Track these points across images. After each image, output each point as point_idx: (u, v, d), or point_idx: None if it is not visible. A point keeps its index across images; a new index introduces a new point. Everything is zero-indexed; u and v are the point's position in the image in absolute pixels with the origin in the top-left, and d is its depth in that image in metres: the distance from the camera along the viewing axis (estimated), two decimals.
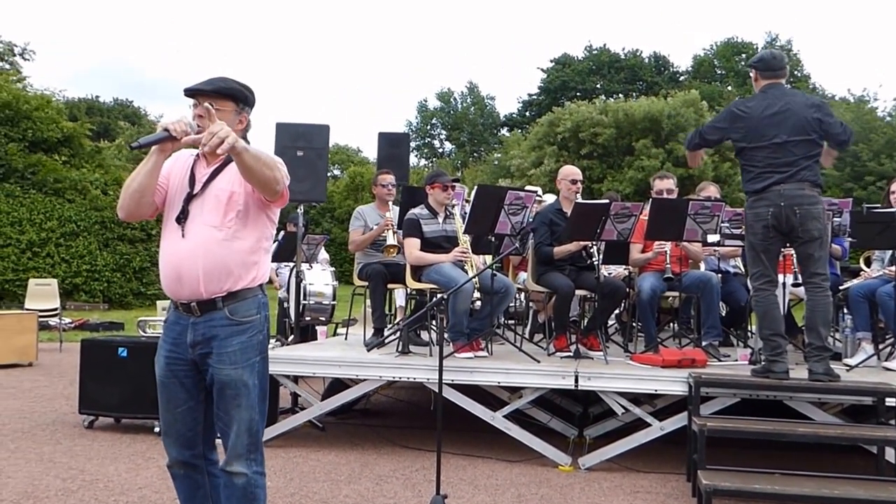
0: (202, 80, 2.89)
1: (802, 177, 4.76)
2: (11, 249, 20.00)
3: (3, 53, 23.55)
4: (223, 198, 2.83)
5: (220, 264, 2.80)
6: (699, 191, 7.05)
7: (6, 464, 5.01)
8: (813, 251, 4.80)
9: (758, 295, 4.94)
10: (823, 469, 4.60)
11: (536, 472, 5.04)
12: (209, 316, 2.84)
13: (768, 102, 4.89)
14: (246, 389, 2.85)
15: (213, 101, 2.80)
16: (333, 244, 27.00)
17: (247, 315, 2.87)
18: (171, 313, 2.95)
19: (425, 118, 55.16)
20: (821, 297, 4.82)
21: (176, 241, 2.83)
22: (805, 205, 4.73)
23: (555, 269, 6.10)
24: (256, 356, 2.89)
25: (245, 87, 2.96)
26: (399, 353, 5.79)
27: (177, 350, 2.90)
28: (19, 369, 9.37)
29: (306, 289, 7.94)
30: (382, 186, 6.83)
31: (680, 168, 26.49)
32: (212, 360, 2.84)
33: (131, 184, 2.82)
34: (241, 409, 2.84)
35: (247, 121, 2.97)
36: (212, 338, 2.84)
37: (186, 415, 2.93)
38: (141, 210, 2.87)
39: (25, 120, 21.62)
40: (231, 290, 2.84)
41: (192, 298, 2.83)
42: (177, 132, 2.71)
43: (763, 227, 4.81)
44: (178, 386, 2.91)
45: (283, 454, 5.38)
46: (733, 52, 49.28)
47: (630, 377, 5.18)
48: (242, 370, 2.84)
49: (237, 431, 2.84)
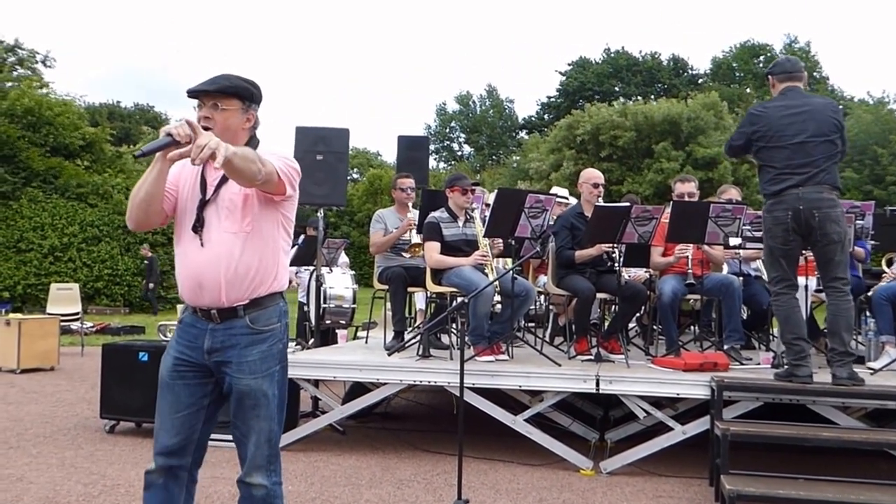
0: (205, 80, 2.78)
1: (821, 179, 4.71)
2: (34, 254, 20.25)
3: (26, 60, 23.83)
4: (238, 201, 2.75)
5: (243, 271, 2.73)
6: (720, 193, 7.00)
7: (28, 469, 5.06)
8: (833, 255, 4.75)
9: (778, 299, 4.90)
10: (847, 473, 4.55)
11: (558, 477, 5.03)
12: (229, 324, 2.77)
13: (787, 103, 4.87)
14: (265, 399, 2.78)
15: (219, 101, 2.74)
16: (353, 248, 27.09)
17: (268, 324, 2.81)
18: (187, 315, 2.86)
19: (444, 121, 55.23)
20: (842, 302, 4.77)
21: (195, 251, 2.74)
22: (824, 208, 4.68)
23: (575, 272, 6.09)
24: (276, 365, 2.83)
25: (251, 82, 2.86)
26: (420, 357, 5.79)
27: (190, 352, 2.81)
28: (41, 373, 9.47)
29: (326, 292, 7.96)
30: (402, 190, 6.83)
31: (699, 171, 26.35)
32: (230, 370, 2.77)
33: (138, 193, 2.73)
34: (260, 420, 2.78)
35: (255, 118, 2.88)
36: (231, 346, 2.77)
37: (186, 420, 2.82)
38: (150, 219, 2.79)
39: (47, 125, 21.89)
40: (252, 297, 2.77)
41: (213, 306, 2.76)
42: (181, 137, 2.59)
43: (783, 230, 4.77)
44: (183, 388, 2.81)
45: (304, 458, 5.40)
46: (751, 55, 48.97)
47: (652, 381, 5.15)
48: (262, 380, 2.77)
49: (256, 442, 2.78)
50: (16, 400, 7.62)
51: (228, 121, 2.76)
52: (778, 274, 4.89)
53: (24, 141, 21.12)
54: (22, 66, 23.61)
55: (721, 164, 27.82)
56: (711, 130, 29.52)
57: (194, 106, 2.81)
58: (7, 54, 23.27)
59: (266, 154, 2.71)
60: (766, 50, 49.02)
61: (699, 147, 28.52)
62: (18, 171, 20.98)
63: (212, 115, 2.74)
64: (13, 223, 20.53)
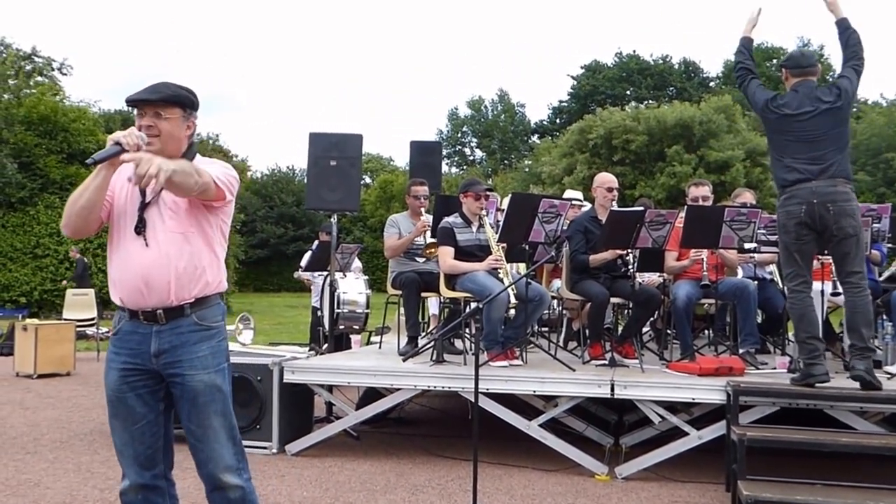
0: (145, 89, 2.80)
1: (834, 172, 4.69)
2: (50, 260, 20.42)
3: (42, 68, 24.04)
4: (182, 203, 2.76)
5: (191, 270, 2.75)
6: (734, 197, 6.97)
7: (45, 474, 5.09)
8: (848, 249, 4.71)
9: (793, 297, 4.87)
10: (864, 478, 4.51)
11: (573, 482, 5.01)
12: (176, 323, 2.76)
13: (799, 101, 4.85)
14: (221, 395, 2.80)
15: (161, 109, 2.75)
16: (366, 253, 27.16)
17: (214, 320, 2.83)
18: (124, 324, 2.80)
19: (456, 126, 55.25)
20: (860, 298, 4.72)
21: (139, 251, 2.73)
22: (839, 202, 4.65)
23: (589, 276, 6.07)
24: (225, 361, 2.86)
25: (189, 90, 2.87)
26: (433, 362, 5.79)
27: (136, 360, 2.77)
28: (57, 379, 9.52)
29: (340, 297, 7.98)
30: (415, 198, 6.83)
31: (712, 174, 26.24)
32: (181, 368, 2.76)
33: (78, 200, 2.72)
34: (218, 416, 2.78)
35: (194, 125, 2.89)
36: (180, 345, 2.76)
37: (146, 430, 2.79)
38: (88, 227, 2.80)
39: (63, 132, 22.05)
40: (199, 295, 2.79)
41: (160, 306, 2.74)
42: (129, 145, 2.61)
43: (796, 224, 4.73)
44: (135, 399, 2.77)
45: (319, 464, 5.41)
46: (764, 58, 48.73)
47: (667, 385, 5.13)
48: (215, 374, 2.79)
49: (221, 441, 2.77)
50: (32, 405, 7.67)
51: (171, 129, 2.78)
52: (792, 270, 4.86)
53: (40, 148, 21.30)
54: (39, 74, 23.80)
55: (734, 168, 27.71)
56: (724, 134, 29.41)
57: (133, 113, 2.82)
58: (24, 62, 23.46)
59: (204, 163, 2.81)
60: (778, 53, 48.75)
61: (712, 150, 28.41)
62: (35, 178, 21.15)
63: (154, 123, 2.75)
64: (30, 229, 20.71)
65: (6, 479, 4.95)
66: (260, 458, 5.49)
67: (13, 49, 23.28)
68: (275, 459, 5.50)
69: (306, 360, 6.05)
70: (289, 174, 43.23)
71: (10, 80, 22.67)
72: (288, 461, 5.49)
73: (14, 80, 22.90)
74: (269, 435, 5.64)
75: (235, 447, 2.81)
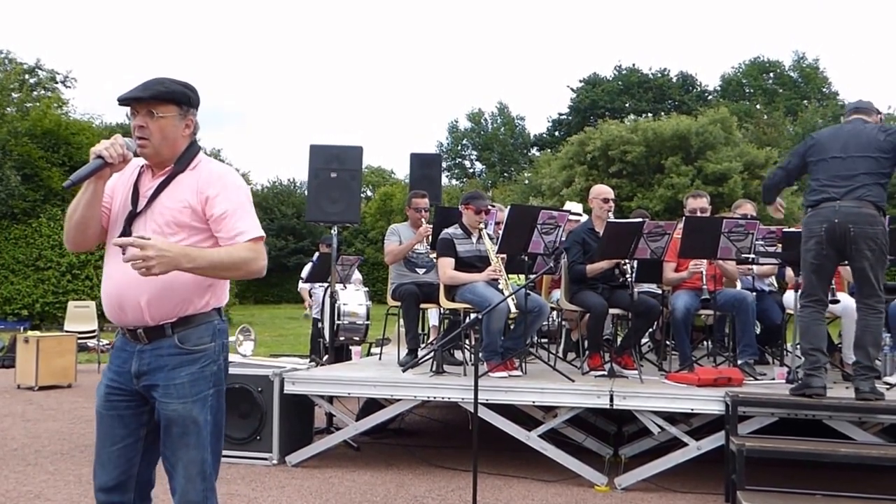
0: (137, 86, 2.56)
1: (861, 195, 4.66)
2: (52, 272, 20.41)
3: (45, 81, 24.10)
4: (169, 215, 2.55)
5: (167, 289, 2.51)
6: (735, 208, 7.02)
7: (46, 486, 5.09)
8: (867, 272, 4.72)
9: (803, 311, 4.92)
10: (863, 489, 4.53)
11: (573, 493, 5.02)
12: (157, 344, 2.56)
13: (841, 127, 4.96)
14: (195, 427, 2.55)
15: (154, 108, 2.54)
16: (366, 264, 27.18)
17: (199, 343, 2.59)
18: (118, 339, 2.68)
19: (456, 139, 55.34)
20: (873, 319, 4.79)
21: (118, 265, 2.47)
22: (861, 223, 4.63)
23: (588, 287, 6.10)
24: (209, 388, 2.60)
25: (187, 86, 2.64)
26: (433, 373, 5.81)
27: (119, 379, 2.62)
28: (59, 391, 9.52)
29: (340, 309, 8.01)
30: (416, 210, 6.87)
31: (710, 186, 26.28)
32: (157, 394, 2.56)
33: (72, 216, 2.58)
34: (189, 449, 2.55)
35: (193, 124, 2.66)
36: (158, 368, 2.55)
37: (122, 454, 2.61)
38: (88, 241, 2.65)
39: (65, 146, 22.12)
40: (182, 314, 2.56)
41: (138, 325, 2.56)
42: (112, 157, 2.45)
43: (816, 243, 4.76)
44: (116, 420, 2.61)
45: (319, 475, 5.41)
46: (761, 71, 49.02)
47: (666, 396, 5.15)
48: (192, 405, 2.55)
49: (187, 476, 2.56)
50: (34, 417, 7.67)
51: (165, 129, 2.57)
52: (807, 286, 4.91)
53: (43, 161, 21.37)
54: (42, 88, 23.86)
55: (731, 180, 27.74)
56: (721, 146, 29.46)
57: (127, 114, 2.62)
58: (27, 76, 23.53)
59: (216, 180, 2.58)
60: (775, 66, 49.02)
61: (709, 162, 28.44)
62: (38, 189, 21.20)
63: (147, 123, 2.55)
64: (32, 241, 20.72)
65: (7, 490, 4.96)
66: (260, 468, 5.51)
67: (17, 62, 23.36)
68: (275, 470, 5.51)
69: (307, 371, 6.07)
70: (289, 187, 43.30)
71: (13, 94, 22.75)
72: (288, 472, 5.50)
73: (17, 94, 22.98)
74: (269, 446, 5.65)
75: (204, 483, 2.58)
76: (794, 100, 44.70)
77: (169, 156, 2.61)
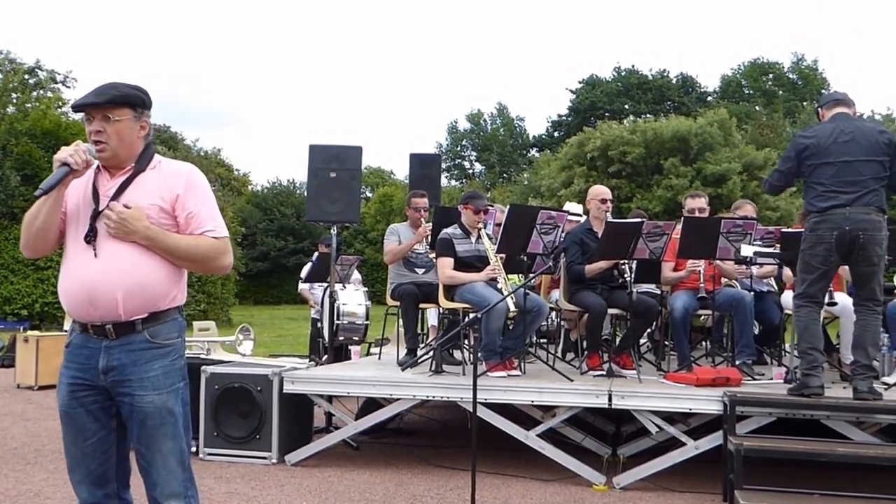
0: (91, 91, 2.63)
1: (868, 200, 4.71)
2: (52, 272, 20.38)
3: (45, 82, 24.07)
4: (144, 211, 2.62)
5: (142, 284, 2.58)
6: (735, 209, 7.03)
7: (45, 484, 5.11)
8: (870, 276, 4.80)
9: (799, 311, 4.94)
10: (861, 488, 4.54)
11: (571, 492, 5.03)
12: (126, 339, 2.59)
13: (835, 126, 4.88)
14: (172, 417, 2.62)
15: (110, 112, 2.60)
16: (366, 265, 27.19)
17: (168, 338, 2.66)
18: (75, 336, 2.67)
19: (455, 139, 55.36)
20: (871, 319, 4.85)
21: (87, 261, 2.56)
22: (870, 230, 4.69)
23: (587, 287, 6.11)
24: (180, 381, 2.68)
25: (139, 89, 2.71)
26: (432, 373, 5.82)
27: (84, 376, 2.62)
28: None
29: (339, 309, 8.02)
30: (415, 210, 6.88)
31: (709, 187, 26.28)
32: (130, 388, 2.58)
33: (34, 223, 2.61)
34: (167, 440, 2.61)
35: (148, 125, 2.73)
36: (130, 363, 2.59)
37: (96, 448, 2.64)
38: (47, 245, 2.68)
39: (66, 145, 22.12)
40: (152, 310, 2.62)
41: (108, 321, 2.58)
42: (77, 164, 2.52)
43: (825, 249, 4.78)
44: (85, 416, 2.63)
45: (318, 474, 5.43)
46: (760, 73, 49.06)
47: (664, 396, 5.16)
48: (167, 396, 2.62)
49: (168, 467, 2.61)
50: (34, 416, 7.68)
51: (122, 132, 2.63)
52: (806, 288, 4.92)
53: (43, 161, 21.38)
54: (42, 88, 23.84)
55: (730, 181, 27.75)
56: (720, 147, 29.47)
57: (82, 119, 2.69)
58: (27, 76, 23.51)
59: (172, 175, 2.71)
60: (774, 68, 49.05)
61: (708, 164, 28.45)
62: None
63: (104, 127, 2.61)
64: None
65: (6, 489, 4.97)
66: (259, 468, 5.52)
67: (17, 63, 23.35)
68: (274, 469, 5.52)
69: (306, 371, 6.08)
70: (289, 187, 43.29)
71: (13, 94, 22.75)
72: (287, 471, 5.51)
73: (17, 94, 22.98)
74: (268, 445, 5.66)
75: (184, 472, 2.66)
76: (793, 101, 44.72)
77: (126, 157, 2.68)
